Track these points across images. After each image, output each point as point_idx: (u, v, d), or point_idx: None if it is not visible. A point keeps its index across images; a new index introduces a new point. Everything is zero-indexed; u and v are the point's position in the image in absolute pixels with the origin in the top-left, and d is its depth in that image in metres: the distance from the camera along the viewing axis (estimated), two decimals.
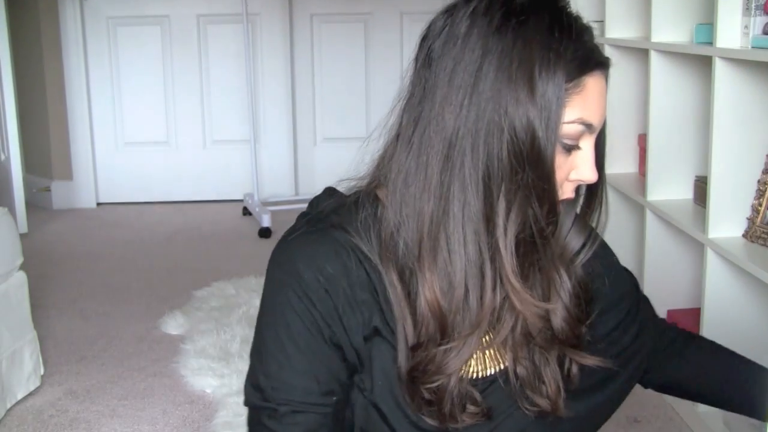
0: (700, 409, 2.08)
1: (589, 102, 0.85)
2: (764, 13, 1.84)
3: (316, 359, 0.90)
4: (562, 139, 0.85)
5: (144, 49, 4.43)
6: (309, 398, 0.90)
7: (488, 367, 0.95)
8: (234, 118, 4.46)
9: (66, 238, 3.94)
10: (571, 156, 0.88)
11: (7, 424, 2.19)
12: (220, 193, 4.48)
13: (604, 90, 0.87)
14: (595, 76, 0.86)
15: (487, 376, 0.94)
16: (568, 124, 0.85)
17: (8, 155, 3.89)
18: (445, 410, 0.89)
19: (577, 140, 0.86)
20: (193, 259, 3.52)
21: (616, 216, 2.80)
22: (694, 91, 2.34)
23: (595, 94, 0.86)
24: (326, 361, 0.90)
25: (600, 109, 0.87)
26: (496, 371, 0.95)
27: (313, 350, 0.90)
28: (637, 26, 2.67)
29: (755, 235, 1.96)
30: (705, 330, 2.05)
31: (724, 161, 1.97)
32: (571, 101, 0.84)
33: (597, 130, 0.88)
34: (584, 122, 0.86)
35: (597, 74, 0.86)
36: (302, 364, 0.90)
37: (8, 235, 2.24)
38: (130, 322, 2.86)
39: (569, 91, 0.84)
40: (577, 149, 0.87)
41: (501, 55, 0.83)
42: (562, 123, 0.84)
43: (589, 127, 0.86)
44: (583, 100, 0.85)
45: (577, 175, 0.88)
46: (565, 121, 0.84)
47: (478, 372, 0.94)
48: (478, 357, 0.94)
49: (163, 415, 2.25)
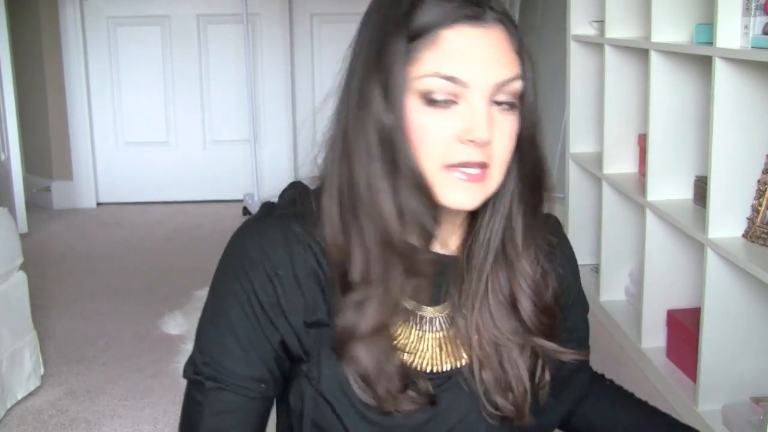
0: (700, 409, 2.08)
1: (447, 55, 0.84)
2: (764, 13, 1.84)
3: (248, 342, 0.91)
4: (427, 96, 0.84)
5: (144, 49, 4.43)
6: (235, 379, 0.92)
7: (443, 363, 0.95)
8: (234, 118, 4.46)
9: (66, 238, 3.94)
10: (451, 113, 0.85)
11: (7, 424, 2.19)
12: (220, 193, 4.48)
13: (473, 43, 0.84)
14: (455, 29, 0.84)
15: (443, 372, 0.94)
16: (424, 78, 0.84)
17: (8, 155, 3.89)
18: (380, 391, 0.89)
19: (446, 95, 0.84)
20: (193, 259, 3.52)
21: (617, 216, 2.80)
22: (694, 91, 2.34)
23: (453, 46, 0.84)
24: (259, 346, 0.91)
25: (467, 62, 0.84)
26: (451, 368, 0.95)
27: (247, 334, 0.91)
28: (637, 26, 2.67)
29: (755, 235, 1.96)
30: (705, 330, 2.05)
31: (724, 161, 1.97)
32: (423, 56, 0.84)
33: (478, 85, 0.84)
34: (443, 75, 0.84)
35: (459, 27, 0.84)
36: (234, 345, 0.92)
37: (8, 235, 2.24)
38: (130, 322, 2.86)
39: (420, 46, 0.84)
40: (453, 104, 0.85)
41: (362, 29, 0.90)
42: (413, 78, 0.84)
43: (452, 80, 0.84)
44: (440, 53, 0.84)
45: (465, 135, 0.85)
46: (419, 75, 0.84)
47: (432, 366, 0.94)
48: (434, 352, 0.94)
49: (163, 415, 2.25)
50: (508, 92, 0.86)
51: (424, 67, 0.84)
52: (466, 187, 0.86)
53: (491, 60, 0.85)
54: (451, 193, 0.86)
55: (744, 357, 2.06)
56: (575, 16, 3.08)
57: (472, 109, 0.85)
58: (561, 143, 3.73)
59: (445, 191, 0.86)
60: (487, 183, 0.87)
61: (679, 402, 2.18)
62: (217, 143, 4.52)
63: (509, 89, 0.86)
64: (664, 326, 2.44)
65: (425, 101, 0.85)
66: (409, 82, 0.85)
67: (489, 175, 0.87)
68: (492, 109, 0.86)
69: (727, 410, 2.03)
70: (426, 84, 0.84)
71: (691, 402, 2.12)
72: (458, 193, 0.86)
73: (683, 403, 2.15)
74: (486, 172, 0.87)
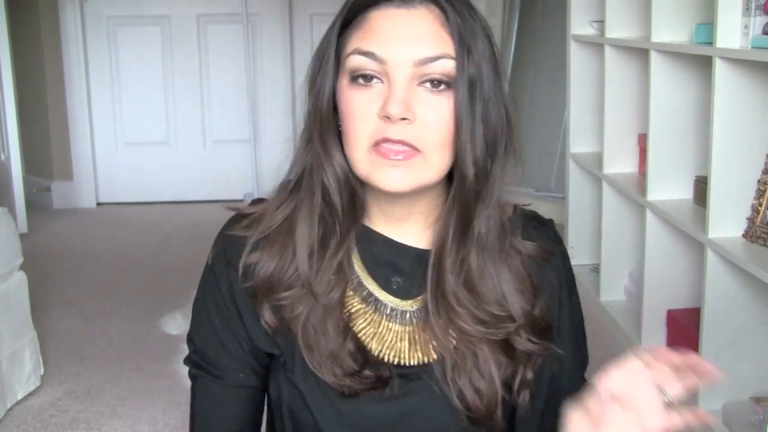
0: (700, 409, 2.08)
1: (369, 33, 0.87)
2: (764, 13, 1.84)
3: (224, 335, 0.97)
4: (352, 74, 0.87)
5: (144, 49, 4.43)
6: (216, 368, 0.97)
7: (411, 357, 0.94)
8: (234, 118, 4.46)
9: (66, 238, 3.94)
10: (375, 92, 0.86)
11: (7, 424, 2.19)
12: (220, 193, 4.48)
13: (394, 21, 0.87)
14: (379, 9, 0.88)
15: (410, 366, 0.94)
16: (350, 56, 0.87)
17: (8, 155, 3.89)
18: (337, 371, 0.91)
19: (370, 72, 0.86)
20: (193, 259, 3.51)
21: (616, 216, 2.80)
22: (694, 91, 2.34)
23: (374, 25, 0.87)
24: (233, 339, 0.97)
25: (385, 39, 0.86)
26: (418, 363, 0.94)
27: (222, 327, 0.97)
28: (637, 26, 2.67)
29: (755, 235, 1.96)
30: (705, 330, 2.05)
31: (724, 161, 1.97)
32: (352, 36, 0.88)
33: (396, 62, 0.85)
34: (362, 51, 0.86)
35: (384, 8, 0.87)
36: (212, 337, 0.98)
37: (8, 235, 2.24)
38: (130, 322, 2.86)
39: (352, 28, 0.89)
40: (378, 83, 0.86)
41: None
42: (343, 59, 0.88)
43: (370, 56, 0.86)
44: (363, 32, 0.87)
45: (381, 111, 0.86)
46: (346, 54, 0.88)
47: (400, 359, 0.94)
48: (402, 345, 0.94)
49: (163, 415, 2.25)
50: (436, 71, 0.86)
51: (350, 46, 0.88)
52: (393, 165, 0.86)
53: (411, 38, 0.86)
54: (378, 173, 0.86)
55: (744, 357, 2.06)
56: (575, 16, 3.08)
57: (390, 85, 0.85)
58: (561, 143, 3.73)
59: (372, 171, 0.87)
60: (420, 166, 0.87)
61: (679, 402, 2.17)
62: (217, 143, 4.52)
63: (436, 68, 0.86)
64: (664, 326, 2.44)
65: (351, 79, 0.87)
66: (342, 63, 0.88)
67: (422, 158, 0.86)
68: (419, 89, 0.86)
69: (727, 410, 2.03)
70: (351, 62, 0.87)
71: (691, 402, 2.12)
72: (385, 173, 0.86)
73: (683, 403, 2.15)
74: (414, 154, 0.86)
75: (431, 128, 0.86)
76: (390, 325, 0.95)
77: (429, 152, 0.86)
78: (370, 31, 0.87)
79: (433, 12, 0.87)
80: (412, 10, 0.87)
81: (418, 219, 0.94)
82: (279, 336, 0.95)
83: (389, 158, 0.85)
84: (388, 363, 0.93)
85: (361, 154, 0.87)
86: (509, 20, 4.18)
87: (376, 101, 0.86)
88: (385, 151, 0.85)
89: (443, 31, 0.86)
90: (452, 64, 0.86)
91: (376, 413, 0.94)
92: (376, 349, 0.94)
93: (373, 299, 0.95)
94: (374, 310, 0.95)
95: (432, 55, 0.85)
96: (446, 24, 0.86)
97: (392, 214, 0.94)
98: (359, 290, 0.95)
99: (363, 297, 0.94)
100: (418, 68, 0.85)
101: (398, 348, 0.94)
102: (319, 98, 0.90)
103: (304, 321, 0.92)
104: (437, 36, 0.86)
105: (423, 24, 0.86)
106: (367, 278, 0.95)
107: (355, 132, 0.87)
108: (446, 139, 0.86)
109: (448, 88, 0.86)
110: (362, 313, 0.94)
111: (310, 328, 0.92)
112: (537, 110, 4.07)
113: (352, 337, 0.93)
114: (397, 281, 0.95)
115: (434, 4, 0.87)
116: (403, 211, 0.94)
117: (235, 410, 0.98)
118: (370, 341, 0.94)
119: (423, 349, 0.94)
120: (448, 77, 0.86)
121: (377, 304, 0.95)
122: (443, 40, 0.86)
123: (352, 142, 0.87)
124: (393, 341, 0.94)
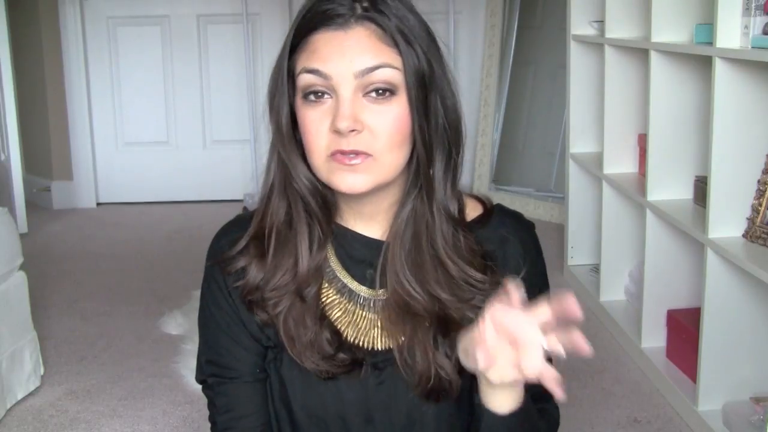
0: (700, 408, 2.08)
1: (313, 54, 0.94)
2: (764, 13, 1.84)
3: (235, 335, 1.04)
4: (303, 92, 0.95)
5: (144, 49, 4.43)
6: (234, 371, 1.04)
7: (380, 342, 1.02)
8: (234, 118, 4.47)
9: (66, 238, 3.94)
10: (325, 107, 0.94)
11: (7, 424, 2.19)
12: (220, 193, 4.48)
13: (332, 41, 0.93)
14: (321, 32, 0.94)
15: (380, 350, 1.02)
16: (299, 75, 0.95)
17: (8, 155, 3.89)
18: (315, 357, 0.99)
19: (318, 88, 0.93)
20: (193, 259, 3.52)
21: (617, 216, 2.80)
22: (694, 91, 2.34)
23: (317, 45, 0.94)
24: (244, 337, 1.04)
25: (326, 55, 0.93)
26: (385, 348, 1.01)
27: (231, 328, 1.04)
28: (637, 26, 2.67)
29: (755, 235, 1.96)
30: (705, 330, 2.05)
31: (724, 161, 1.97)
32: (300, 57, 0.95)
33: (339, 77, 0.92)
34: (307, 69, 0.93)
35: (323, 31, 0.94)
36: (225, 341, 1.05)
37: (8, 235, 2.24)
38: (130, 322, 2.86)
39: (299, 50, 0.96)
40: (328, 99, 0.93)
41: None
42: (295, 78, 0.95)
43: (315, 72, 0.93)
44: (308, 53, 0.94)
45: (332, 126, 0.93)
46: (296, 74, 0.95)
47: (373, 345, 1.02)
48: (373, 332, 1.02)
49: (163, 415, 2.25)
50: (378, 80, 0.92)
51: (299, 66, 0.95)
52: (351, 170, 0.94)
53: (350, 53, 0.92)
54: (337, 178, 0.94)
55: (744, 357, 2.06)
56: (575, 16, 3.08)
57: (337, 100, 0.93)
58: (561, 143, 3.73)
59: (332, 176, 0.95)
60: (374, 168, 0.94)
61: (679, 402, 2.18)
62: (217, 143, 4.52)
63: (378, 77, 0.92)
64: (664, 326, 2.44)
65: (304, 96, 0.95)
66: (295, 83, 0.96)
67: (374, 161, 0.93)
68: (364, 100, 0.93)
69: (727, 410, 2.03)
70: (301, 81, 0.94)
71: (691, 402, 2.12)
72: (343, 176, 0.94)
73: (683, 403, 2.15)
74: (368, 158, 0.93)
75: (380, 135, 0.93)
76: (363, 314, 1.02)
77: (380, 155, 0.94)
78: (315, 51, 0.94)
79: (369, 28, 0.93)
80: (350, 31, 0.93)
81: (387, 215, 1.01)
82: (269, 329, 1.03)
83: (345, 164, 0.93)
84: (362, 348, 1.02)
85: (320, 163, 0.95)
86: (509, 20, 4.18)
87: (327, 116, 0.93)
88: (341, 159, 0.93)
89: (381, 43, 0.93)
90: (392, 72, 0.93)
91: (353, 397, 1.02)
92: (352, 335, 1.02)
93: (348, 290, 1.02)
94: (348, 300, 1.03)
95: (371, 65, 0.92)
96: (384, 36, 0.93)
97: (361, 211, 1.02)
98: (334, 282, 1.02)
99: (338, 288, 1.02)
100: (360, 80, 0.92)
101: (372, 335, 1.02)
102: (279, 116, 0.99)
103: (285, 315, 1.00)
104: (375, 48, 0.93)
105: (361, 40, 0.93)
106: (341, 271, 1.03)
107: (312, 146, 0.95)
108: (396, 141, 0.94)
109: (393, 95, 0.93)
110: (337, 303, 1.02)
111: (291, 321, 1.00)
112: (537, 110, 4.07)
113: (328, 324, 1.01)
114: (369, 273, 1.02)
115: (369, 21, 0.93)
116: (371, 207, 1.01)
117: (256, 406, 1.05)
118: (346, 328, 1.02)
119: (392, 335, 1.01)
120: (390, 84, 0.93)
121: (351, 295, 1.02)
122: (381, 51, 0.93)
123: (310, 154, 0.96)
124: (367, 328, 1.02)
